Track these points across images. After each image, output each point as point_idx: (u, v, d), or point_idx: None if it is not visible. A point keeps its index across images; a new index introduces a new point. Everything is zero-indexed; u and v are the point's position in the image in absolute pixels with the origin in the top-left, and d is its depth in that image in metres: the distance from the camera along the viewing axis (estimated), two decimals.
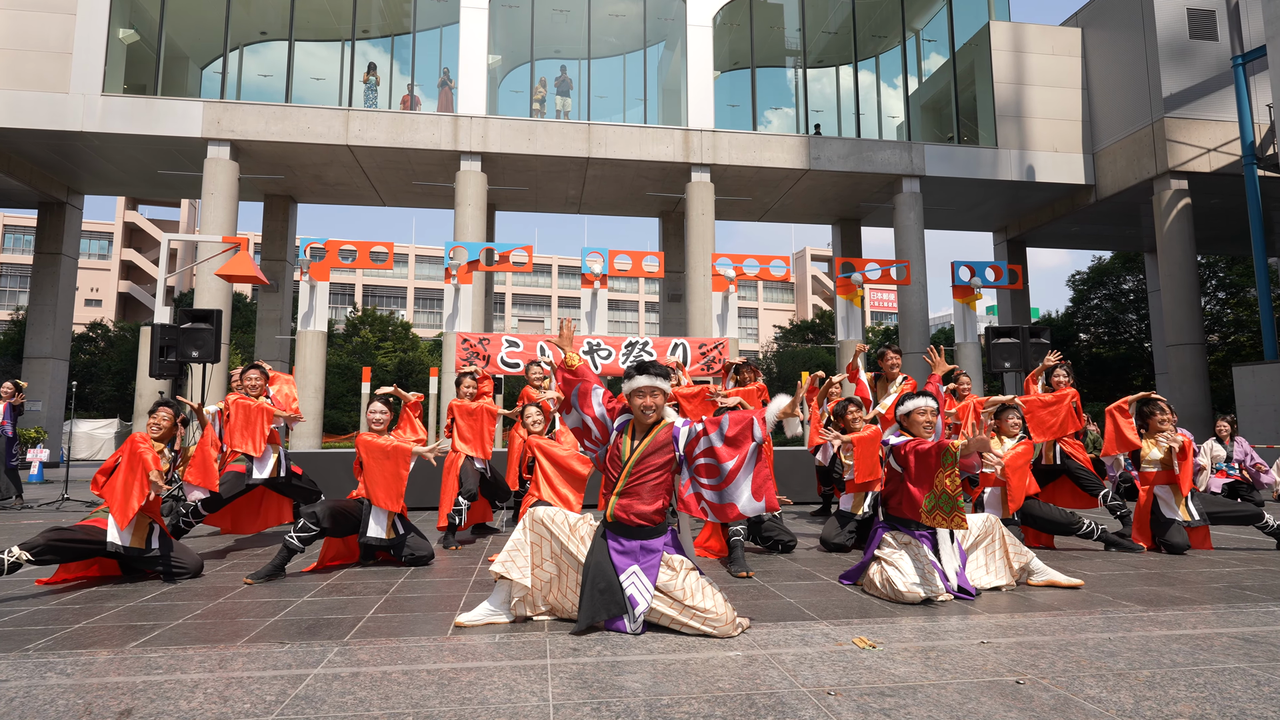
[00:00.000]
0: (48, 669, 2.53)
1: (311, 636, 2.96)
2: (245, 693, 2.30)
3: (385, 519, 4.61)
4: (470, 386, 6.09)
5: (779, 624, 3.13)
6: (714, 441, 3.17)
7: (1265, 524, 5.15)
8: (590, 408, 3.35)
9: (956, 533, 3.81)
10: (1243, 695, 2.28)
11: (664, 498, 3.20)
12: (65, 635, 3.00)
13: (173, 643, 2.87)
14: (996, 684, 2.37)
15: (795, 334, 41.90)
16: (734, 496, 3.14)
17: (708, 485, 3.19)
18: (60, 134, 14.52)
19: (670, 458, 3.21)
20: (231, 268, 9.04)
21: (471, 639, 2.91)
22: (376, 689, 2.33)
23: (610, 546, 3.11)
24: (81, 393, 29.43)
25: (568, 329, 3.70)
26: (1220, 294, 27.94)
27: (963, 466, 3.58)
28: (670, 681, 2.40)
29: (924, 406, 3.98)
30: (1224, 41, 16.18)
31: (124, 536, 4.04)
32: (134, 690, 2.32)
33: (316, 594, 3.82)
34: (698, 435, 3.22)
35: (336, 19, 16.34)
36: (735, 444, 3.14)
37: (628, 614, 2.98)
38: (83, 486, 11.91)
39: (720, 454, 3.15)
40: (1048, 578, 3.97)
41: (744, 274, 10.47)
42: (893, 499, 3.89)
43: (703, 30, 16.42)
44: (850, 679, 2.42)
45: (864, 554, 3.99)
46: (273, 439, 5.65)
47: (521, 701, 2.21)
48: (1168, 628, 3.06)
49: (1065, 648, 2.78)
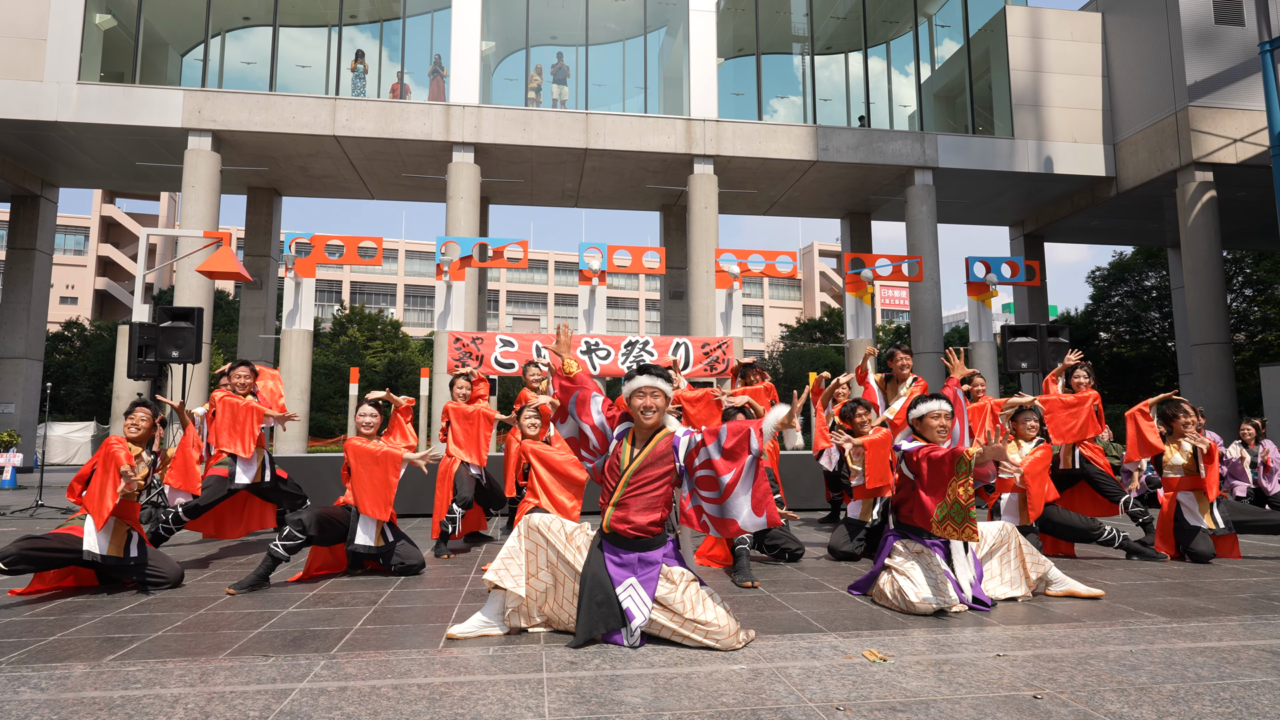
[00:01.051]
0: (21, 683, 2.49)
1: (297, 649, 2.91)
2: (228, 708, 2.24)
3: (374, 526, 4.47)
4: (464, 388, 5.94)
5: (785, 636, 3.08)
6: (711, 454, 3.09)
7: None
8: (589, 416, 3.27)
9: (970, 543, 3.69)
10: (1271, 711, 2.20)
11: (663, 509, 3.13)
12: (40, 648, 2.95)
13: (152, 656, 2.82)
14: (1013, 699, 2.30)
15: (802, 333, 41.40)
16: (734, 511, 3.06)
17: (708, 499, 3.12)
18: (34, 124, 14.05)
19: (670, 469, 3.14)
20: (213, 264, 8.82)
21: (464, 652, 2.86)
22: (365, 704, 2.27)
23: (607, 558, 3.05)
24: (56, 394, 29.03)
25: (564, 334, 3.52)
26: (1247, 291, 27.30)
27: (977, 475, 3.49)
28: (672, 696, 2.34)
29: (937, 410, 3.86)
30: (1251, 27, 15.63)
31: (101, 544, 3.93)
32: (111, 705, 2.27)
33: (302, 605, 3.75)
34: (697, 446, 3.13)
35: (323, 4, 15.80)
36: (732, 457, 3.05)
37: (625, 628, 2.93)
38: (58, 492, 11.51)
39: (717, 466, 3.06)
40: (1067, 588, 3.88)
41: (749, 270, 10.34)
42: (904, 506, 3.79)
43: (706, 15, 15.88)
44: (860, 694, 2.36)
45: (874, 563, 3.91)
46: (259, 442, 5.48)
47: (516, 717, 2.16)
48: (1192, 640, 2.98)
49: (1085, 661, 2.70)
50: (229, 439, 5.29)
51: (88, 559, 3.90)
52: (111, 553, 3.97)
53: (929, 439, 3.86)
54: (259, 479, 5.47)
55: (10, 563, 3.69)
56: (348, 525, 4.44)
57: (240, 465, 5.38)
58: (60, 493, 11.50)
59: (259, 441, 5.46)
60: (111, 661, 2.75)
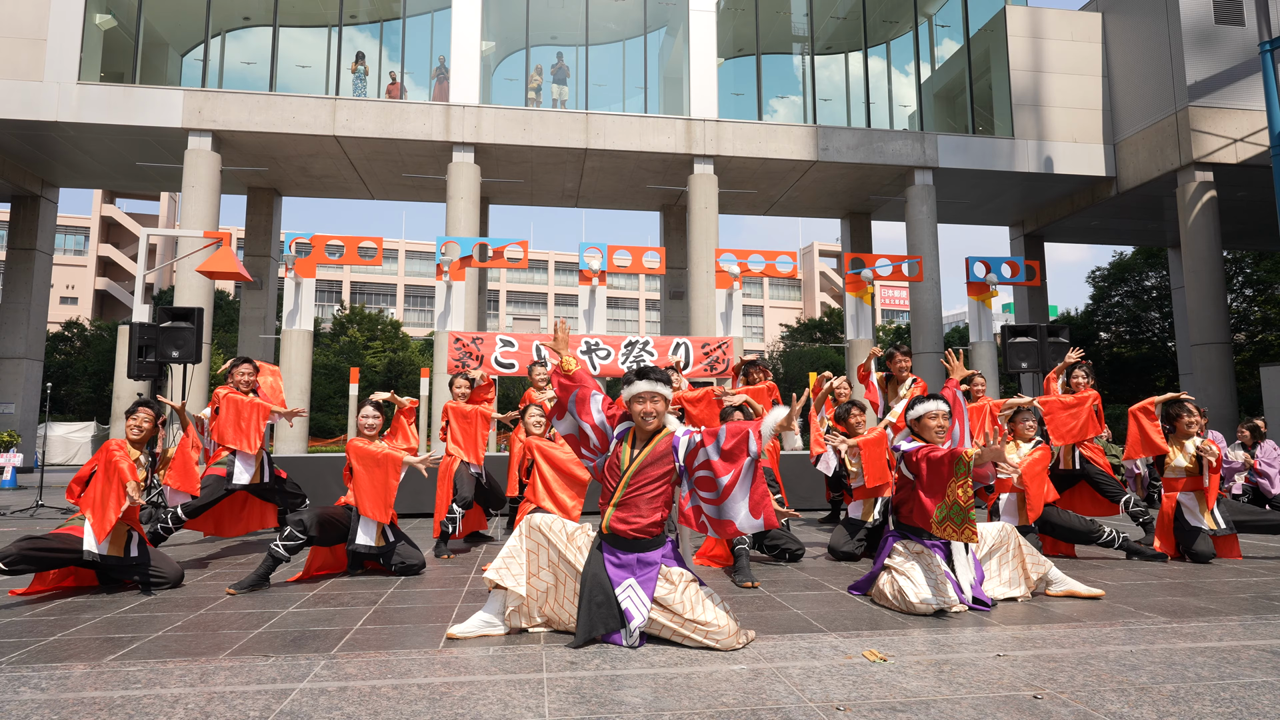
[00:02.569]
0: (22, 683, 2.48)
1: (297, 649, 2.90)
2: (228, 708, 2.23)
3: (375, 527, 4.47)
4: (463, 387, 6.00)
5: (786, 636, 3.07)
6: (710, 454, 3.10)
7: None
8: (589, 415, 3.26)
9: (970, 544, 3.67)
10: (1271, 711, 2.19)
11: (663, 510, 3.14)
12: (40, 648, 2.93)
13: (152, 656, 2.81)
14: (1013, 699, 2.30)
15: (802, 333, 41.31)
16: (732, 513, 3.07)
17: (706, 499, 3.14)
18: (34, 124, 14.02)
19: (670, 469, 3.15)
20: (213, 264, 8.78)
21: (464, 652, 2.84)
22: (365, 704, 2.26)
23: (606, 559, 3.05)
24: (56, 394, 29.06)
25: (562, 331, 3.52)
26: (1247, 291, 27.23)
27: (976, 476, 3.49)
28: (672, 696, 2.33)
29: (935, 410, 3.87)
30: (1251, 27, 15.60)
31: (102, 545, 3.94)
32: (111, 705, 2.26)
33: (302, 605, 3.73)
34: (697, 446, 3.14)
35: (323, 4, 15.77)
36: (730, 458, 3.06)
37: (624, 628, 2.93)
38: (58, 492, 11.48)
39: (716, 468, 3.07)
40: (1067, 588, 3.87)
41: (749, 270, 10.30)
42: (904, 507, 3.80)
43: (706, 15, 15.85)
44: (860, 694, 2.35)
45: (874, 563, 3.90)
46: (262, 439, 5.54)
47: (516, 717, 2.15)
48: (1192, 640, 2.97)
49: (1085, 661, 2.69)
50: (234, 436, 5.29)
51: (88, 559, 3.91)
52: (112, 552, 3.98)
53: (927, 439, 3.86)
54: (258, 479, 5.46)
55: (10, 563, 3.70)
56: (349, 525, 4.44)
57: (240, 463, 5.35)
58: (60, 493, 11.48)
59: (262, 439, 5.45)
60: (111, 661, 2.74)
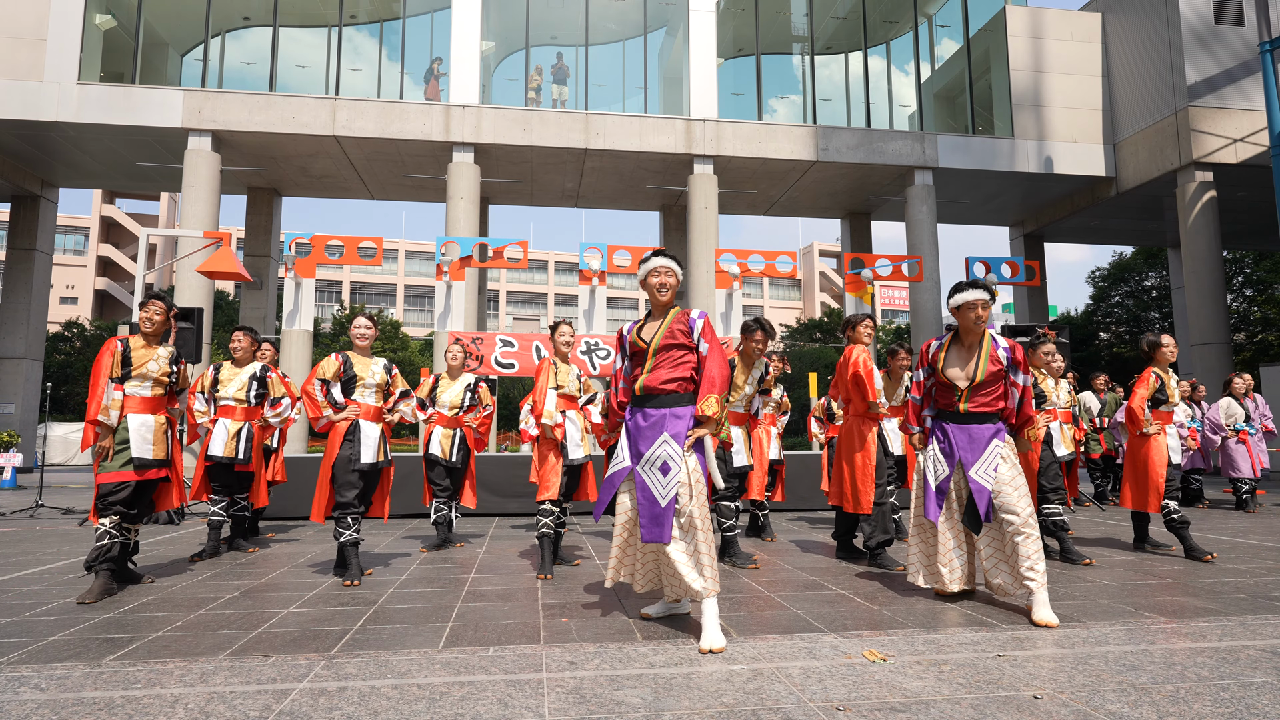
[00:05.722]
0: (21, 683, 2.48)
1: (297, 649, 2.90)
2: (228, 708, 2.23)
3: (375, 442, 4.55)
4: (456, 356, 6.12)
5: (786, 636, 3.08)
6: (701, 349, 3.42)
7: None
8: (624, 376, 3.52)
9: (999, 465, 3.60)
10: (1271, 711, 2.19)
11: (690, 371, 3.32)
12: (40, 648, 2.94)
13: (152, 656, 2.82)
14: (1013, 699, 2.29)
15: (803, 333, 41.25)
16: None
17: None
18: (34, 124, 14.02)
19: (689, 344, 3.34)
20: (213, 264, 8.80)
21: (464, 652, 2.86)
22: (365, 704, 2.27)
23: (637, 424, 3.25)
24: (56, 394, 29.06)
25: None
26: (1247, 291, 27.24)
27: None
28: (672, 696, 2.34)
29: (974, 299, 3.69)
30: (1251, 27, 15.60)
31: (155, 450, 4.19)
32: (111, 706, 2.26)
33: (302, 605, 3.75)
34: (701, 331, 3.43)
35: (323, 4, 15.75)
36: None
37: (658, 483, 3.08)
38: (58, 492, 11.44)
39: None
40: (1041, 616, 3.27)
41: (749, 270, 10.32)
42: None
43: (706, 15, 15.84)
44: (860, 694, 2.35)
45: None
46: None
47: (516, 717, 2.16)
48: (1192, 640, 2.98)
49: (1085, 661, 2.69)
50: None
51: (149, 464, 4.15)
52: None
53: (964, 326, 3.70)
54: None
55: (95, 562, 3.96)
56: (362, 468, 4.47)
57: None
58: (60, 493, 11.45)
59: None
60: (111, 661, 2.74)
